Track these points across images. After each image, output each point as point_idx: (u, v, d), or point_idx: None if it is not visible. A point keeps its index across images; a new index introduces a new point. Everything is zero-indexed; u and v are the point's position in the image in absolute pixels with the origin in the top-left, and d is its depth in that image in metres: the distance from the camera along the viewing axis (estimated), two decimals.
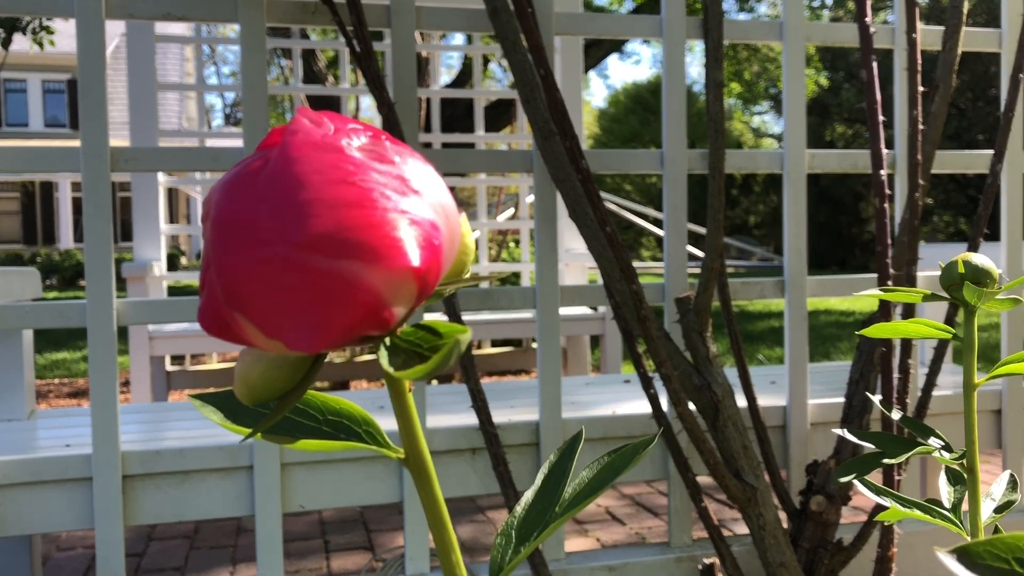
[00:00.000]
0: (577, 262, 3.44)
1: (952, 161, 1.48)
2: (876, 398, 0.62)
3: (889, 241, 1.17)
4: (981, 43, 1.51)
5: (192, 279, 3.76)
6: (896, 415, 0.57)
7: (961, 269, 0.54)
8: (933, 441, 0.55)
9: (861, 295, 0.57)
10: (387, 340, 0.23)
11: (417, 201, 0.22)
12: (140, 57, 3.17)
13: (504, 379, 4.52)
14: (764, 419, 1.44)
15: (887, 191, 1.19)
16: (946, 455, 0.54)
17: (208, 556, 2.17)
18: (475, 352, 3.65)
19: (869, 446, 0.66)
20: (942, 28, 1.37)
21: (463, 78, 8.47)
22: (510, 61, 1.28)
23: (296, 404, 0.29)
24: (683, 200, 1.41)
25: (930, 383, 1.34)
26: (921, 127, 1.24)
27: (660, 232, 7.77)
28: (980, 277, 0.54)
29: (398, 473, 1.37)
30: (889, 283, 1.17)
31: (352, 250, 0.20)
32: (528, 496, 0.34)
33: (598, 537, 2.28)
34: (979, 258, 0.55)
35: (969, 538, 0.54)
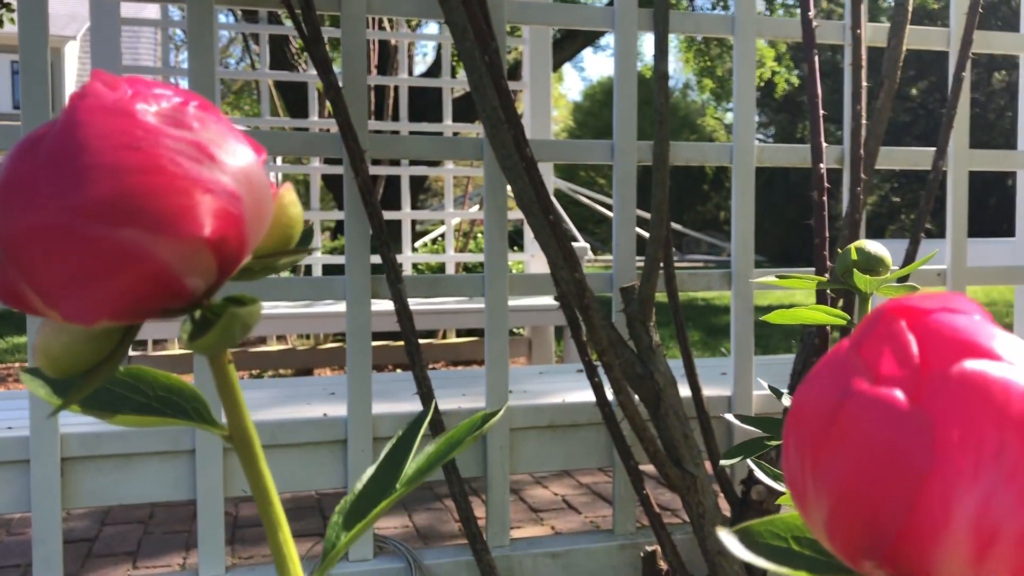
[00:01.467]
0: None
1: (897, 157, 1.50)
2: (782, 387, 0.63)
3: (827, 234, 1.19)
4: (930, 41, 1.53)
5: None
6: (787, 401, 0.58)
7: (854, 256, 0.55)
8: None
9: (758, 281, 0.57)
10: (196, 313, 0.24)
11: (213, 168, 0.22)
12: (105, 39, 3.13)
13: (470, 368, 4.52)
14: (709, 409, 1.46)
15: (827, 184, 1.20)
16: None
17: (161, 541, 2.16)
18: (441, 341, 3.65)
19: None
20: (888, 25, 1.38)
21: (438, 68, 8.44)
22: (459, 48, 1.28)
23: (127, 379, 0.29)
24: (632, 191, 1.42)
25: None
26: (865, 122, 1.26)
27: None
28: (873, 265, 0.55)
29: (343, 459, 1.37)
30: (827, 276, 1.19)
31: (135, 218, 0.20)
32: (369, 472, 0.34)
33: (553, 525, 2.29)
34: (873, 246, 0.56)
35: None
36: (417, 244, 5.40)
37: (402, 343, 1.31)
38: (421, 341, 3.61)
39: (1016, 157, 1.66)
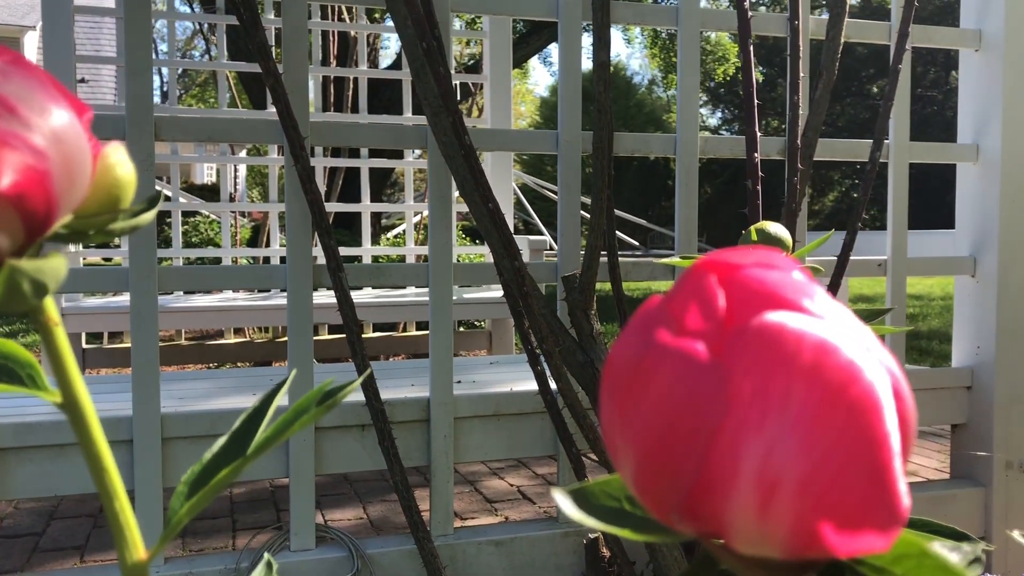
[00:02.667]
0: None
1: (837, 148, 1.52)
2: None
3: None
4: (870, 34, 1.55)
5: (121, 255, 3.68)
6: None
7: (754, 237, 0.56)
8: None
9: (662, 261, 0.58)
10: (6, 271, 0.23)
11: (13, 122, 0.22)
12: (58, 29, 3.08)
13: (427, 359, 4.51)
14: None
15: (760, 174, 1.22)
16: None
17: (109, 535, 2.13)
18: (401, 334, 3.64)
19: None
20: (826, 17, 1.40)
21: (402, 61, 8.39)
22: (400, 36, 1.28)
23: None
24: (577, 180, 1.43)
25: None
26: (802, 112, 1.27)
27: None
28: (772, 245, 0.56)
29: (284, 449, 1.36)
30: None
31: None
32: (220, 443, 0.34)
33: (507, 516, 2.30)
34: (773, 227, 0.56)
35: None
36: (388, 236, 5.38)
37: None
38: (381, 334, 3.60)
39: (955, 150, 1.69)
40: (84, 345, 3.17)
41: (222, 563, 1.34)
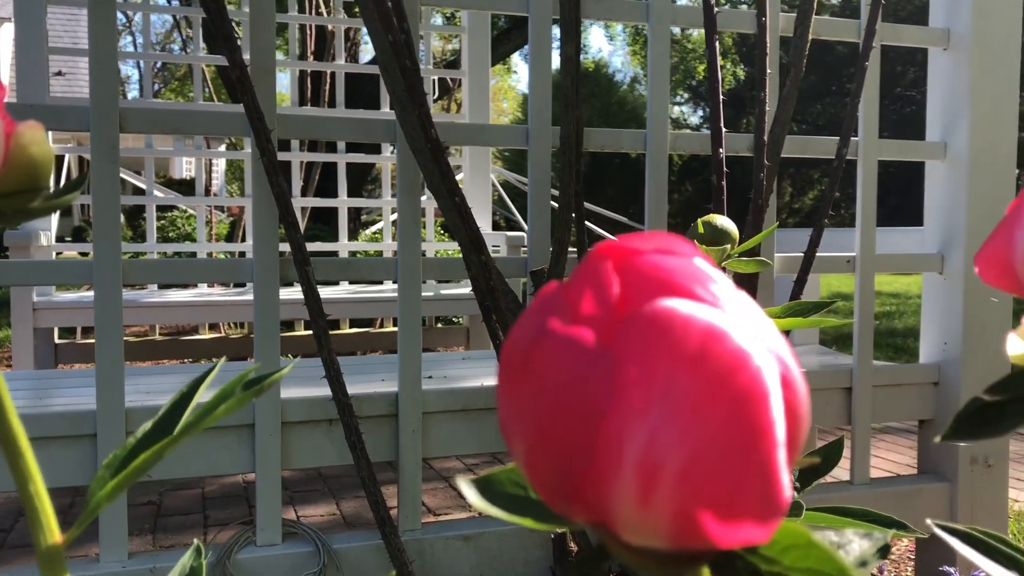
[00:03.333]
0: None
1: (804, 145, 1.53)
2: None
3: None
4: (839, 32, 1.56)
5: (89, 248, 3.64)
6: None
7: (701, 230, 0.56)
8: None
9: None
10: None
11: None
12: (31, 21, 3.04)
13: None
14: None
15: (726, 169, 1.22)
16: None
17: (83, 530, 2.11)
18: (378, 330, 3.63)
19: None
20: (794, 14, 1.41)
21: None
22: (368, 29, 1.27)
23: None
24: (547, 175, 1.43)
25: None
26: (769, 108, 1.28)
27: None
28: (719, 238, 0.56)
29: (250, 443, 1.35)
30: None
31: None
32: (144, 429, 0.34)
33: (473, 515, 2.30)
34: (721, 220, 0.57)
35: None
36: (368, 232, 5.35)
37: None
38: (359, 330, 3.59)
39: (923, 147, 1.70)
40: (56, 340, 3.14)
41: (178, 558, 1.33)
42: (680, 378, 0.20)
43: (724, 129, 1.23)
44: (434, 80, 3.97)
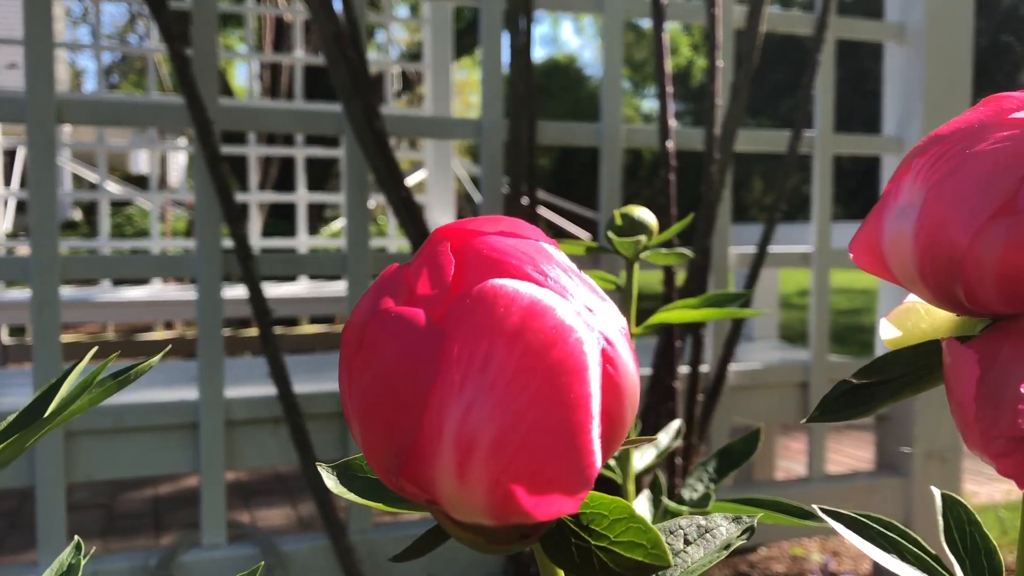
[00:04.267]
0: None
1: (758, 139, 1.52)
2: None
3: (674, 211, 1.19)
4: (793, 25, 1.55)
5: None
6: None
7: (619, 222, 0.54)
8: None
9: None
10: None
11: None
12: None
13: None
14: None
15: (674, 163, 1.21)
16: None
17: (31, 533, 2.06)
18: (337, 328, 3.59)
19: None
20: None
21: None
22: (315, 19, 1.24)
23: None
24: (499, 168, 1.41)
25: (727, 354, 1.38)
26: (719, 102, 1.27)
27: (548, 214, 7.80)
28: (637, 230, 0.54)
29: (193, 443, 1.32)
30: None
31: None
32: (10, 418, 0.31)
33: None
34: (639, 211, 0.55)
35: (621, 481, 0.54)
36: (332, 228, 5.30)
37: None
38: (318, 327, 3.55)
39: (878, 142, 1.70)
40: (5, 339, 3.07)
41: (130, 561, 1.30)
42: (498, 353, 0.20)
43: (674, 123, 1.21)
44: (394, 73, 3.93)
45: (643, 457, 0.58)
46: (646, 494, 0.56)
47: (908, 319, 0.29)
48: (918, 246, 0.26)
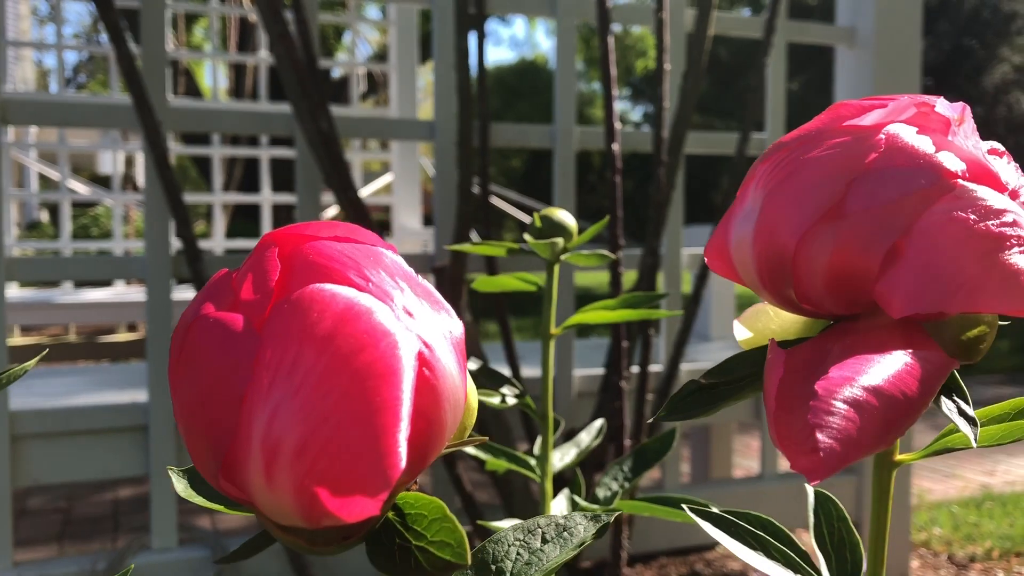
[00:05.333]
0: (413, 239, 3.42)
1: (708, 141, 1.54)
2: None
3: (620, 213, 1.20)
4: (742, 28, 1.57)
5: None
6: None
7: (538, 223, 0.55)
8: (506, 389, 0.56)
9: (453, 248, 0.57)
10: None
11: None
12: None
13: None
14: (530, 389, 1.47)
15: (619, 164, 1.22)
16: (511, 402, 0.55)
17: None
18: None
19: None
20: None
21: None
22: (263, 20, 1.24)
23: None
24: (452, 170, 1.41)
25: (677, 354, 1.40)
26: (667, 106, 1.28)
27: (520, 214, 7.80)
28: (556, 232, 0.55)
29: (144, 446, 1.32)
30: (619, 253, 1.21)
31: None
32: None
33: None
34: (559, 214, 0.56)
35: (540, 480, 0.55)
36: None
37: None
38: None
39: None
40: None
41: (78, 565, 1.29)
42: (306, 357, 0.20)
43: (619, 125, 1.22)
44: (359, 74, 3.92)
45: (564, 456, 0.59)
46: (565, 493, 0.57)
47: (758, 320, 0.30)
48: (756, 250, 0.27)
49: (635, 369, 1.40)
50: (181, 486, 0.27)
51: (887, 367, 0.23)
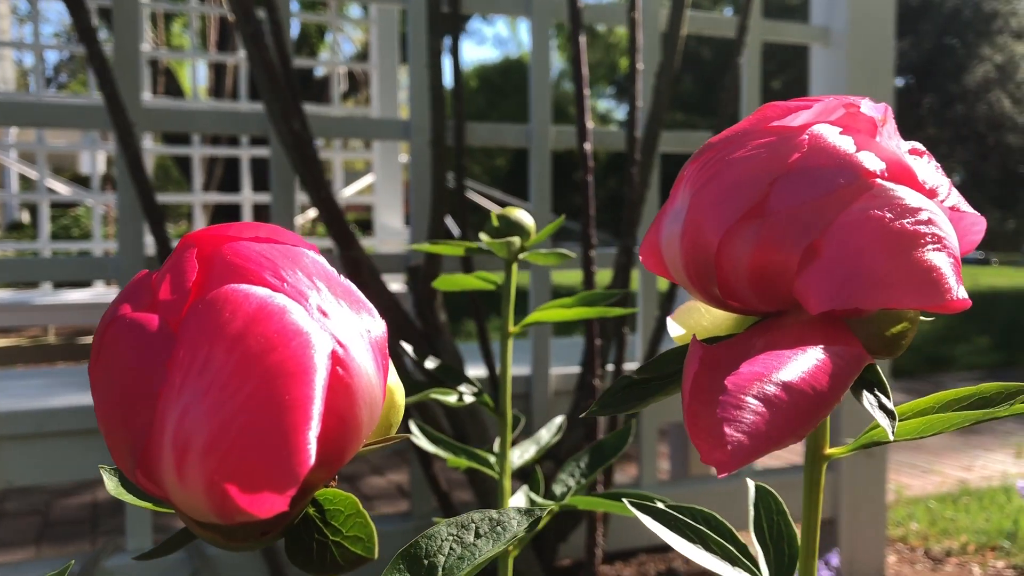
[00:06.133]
0: (395, 238, 3.42)
1: (686, 141, 1.55)
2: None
3: (592, 212, 1.21)
4: (715, 28, 1.58)
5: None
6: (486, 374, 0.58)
7: (495, 223, 0.55)
8: (464, 387, 0.57)
9: (415, 247, 0.57)
10: None
11: None
12: None
13: None
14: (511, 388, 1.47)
15: (591, 163, 1.22)
16: (468, 400, 0.55)
17: None
18: None
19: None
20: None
21: (298, 49, 8.24)
22: (235, 19, 1.24)
23: None
24: (426, 169, 1.41)
25: (651, 352, 1.40)
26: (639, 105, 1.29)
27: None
28: (513, 231, 0.55)
29: None
30: (592, 252, 1.21)
31: None
32: None
33: (383, 511, 2.27)
34: (517, 213, 0.56)
35: (498, 478, 0.55)
36: None
37: None
38: None
39: None
40: None
41: (51, 568, 1.28)
42: (217, 356, 0.20)
43: (591, 124, 1.23)
44: (340, 73, 3.92)
45: (524, 453, 0.59)
46: (524, 490, 0.57)
47: (691, 317, 0.30)
48: (683, 248, 0.28)
49: (611, 367, 1.41)
50: (112, 484, 0.28)
51: (799, 363, 0.23)
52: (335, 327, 0.22)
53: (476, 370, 1.47)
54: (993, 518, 2.18)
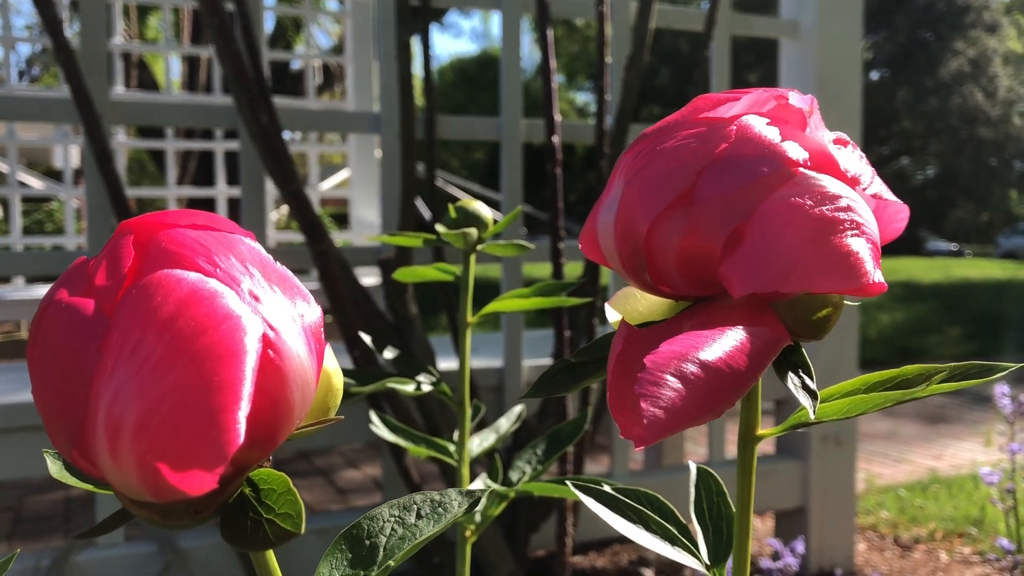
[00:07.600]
0: (371, 231, 3.41)
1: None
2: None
3: (560, 205, 1.22)
4: (684, 22, 1.59)
5: None
6: (433, 376, 0.58)
7: (454, 215, 0.56)
8: (423, 377, 0.57)
9: (376, 239, 0.58)
10: None
11: None
12: None
13: None
14: (479, 380, 1.48)
15: (560, 156, 1.23)
16: (426, 389, 0.56)
17: None
18: None
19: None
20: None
21: (274, 42, 8.19)
22: (202, 10, 1.23)
23: None
24: (396, 164, 1.41)
25: None
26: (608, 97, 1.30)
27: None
28: (470, 223, 0.56)
29: None
30: (560, 244, 1.22)
31: None
32: None
33: (356, 504, 2.28)
34: (474, 205, 0.57)
35: (457, 466, 0.56)
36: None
37: None
38: None
39: None
40: None
41: (20, 563, 1.28)
42: (148, 339, 0.21)
43: (559, 117, 1.24)
44: (315, 66, 3.90)
45: (482, 442, 0.60)
46: (482, 477, 0.58)
47: (627, 303, 0.31)
48: (616, 236, 0.28)
49: None
50: (55, 468, 0.28)
51: (718, 343, 0.24)
52: (267, 311, 0.22)
53: (449, 363, 1.48)
54: (961, 506, 2.21)
